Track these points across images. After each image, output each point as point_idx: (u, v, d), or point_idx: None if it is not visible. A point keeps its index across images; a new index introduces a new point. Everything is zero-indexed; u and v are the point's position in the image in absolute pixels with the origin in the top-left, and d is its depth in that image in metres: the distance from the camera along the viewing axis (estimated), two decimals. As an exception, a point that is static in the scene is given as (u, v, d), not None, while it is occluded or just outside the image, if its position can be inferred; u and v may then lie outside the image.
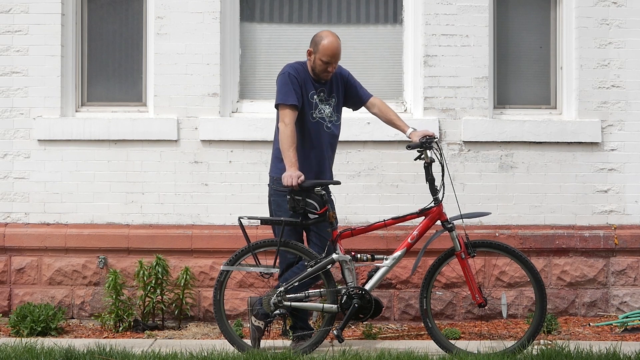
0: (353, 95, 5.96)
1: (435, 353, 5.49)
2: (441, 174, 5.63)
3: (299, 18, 7.23)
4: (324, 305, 5.55)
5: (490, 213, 6.09)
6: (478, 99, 6.97)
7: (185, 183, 6.93)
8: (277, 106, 5.71)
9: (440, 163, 5.62)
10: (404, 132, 5.83)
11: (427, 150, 5.63)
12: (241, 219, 5.58)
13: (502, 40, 7.19)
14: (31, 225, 6.91)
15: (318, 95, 5.76)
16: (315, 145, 5.72)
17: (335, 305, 5.52)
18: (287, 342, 5.74)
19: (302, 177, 5.46)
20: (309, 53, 5.76)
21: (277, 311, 5.48)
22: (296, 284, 5.51)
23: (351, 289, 5.51)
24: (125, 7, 7.19)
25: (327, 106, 5.78)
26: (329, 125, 5.76)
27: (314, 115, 5.72)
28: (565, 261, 6.92)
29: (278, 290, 5.51)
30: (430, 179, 5.63)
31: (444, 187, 5.65)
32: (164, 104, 6.94)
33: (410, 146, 5.72)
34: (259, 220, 5.65)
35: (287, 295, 5.52)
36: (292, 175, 5.45)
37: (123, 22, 7.19)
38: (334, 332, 5.48)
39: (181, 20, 6.93)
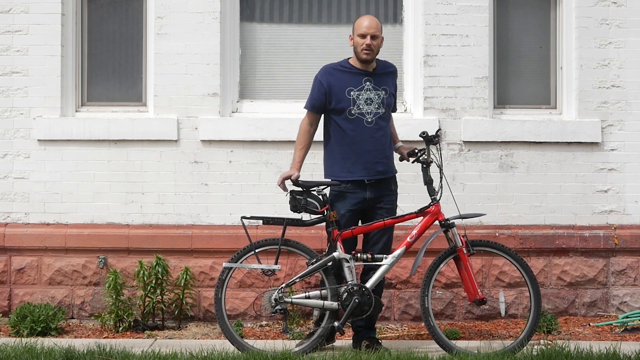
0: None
1: (435, 353, 5.48)
2: (439, 174, 5.65)
3: (299, 18, 7.23)
4: (325, 302, 5.56)
5: (485, 214, 6.15)
6: (478, 99, 6.97)
7: (185, 183, 6.93)
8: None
9: (438, 165, 5.65)
10: (394, 143, 5.92)
11: (430, 146, 5.66)
12: (243, 219, 5.63)
13: (502, 40, 7.19)
14: (31, 225, 6.91)
15: (363, 85, 5.68)
16: (357, 140, 5.67)
17: (336, 303, 5.53)
18: (287, 342, 5.74)
19: (295, 175, 5.62)
20: (351, 38, 5.73)
21: (278, 306, 5.52)
22: (297, 280, 5.55)
23: (351, 286, 5.52)
24: (125, 7, 7.19)
25: (376, 95, 5.69)
26: (369, 120, 5.67)
27: (353, 112, 5.67)
28: (565, 261, 6.91)
29: (280, 286, 5.57)
30: (428, 180, 5.67)
31: (442, 187, 5.68)
32: (164, 104, 6.94)
33: (414, 152, 5.75)
34: (261, 220, 5.69)
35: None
36: (282, 175, 5.69)
37: (123, 22, 7.19)
38: (335, 323, 5.48)
39: (181, 20, 6.93)
